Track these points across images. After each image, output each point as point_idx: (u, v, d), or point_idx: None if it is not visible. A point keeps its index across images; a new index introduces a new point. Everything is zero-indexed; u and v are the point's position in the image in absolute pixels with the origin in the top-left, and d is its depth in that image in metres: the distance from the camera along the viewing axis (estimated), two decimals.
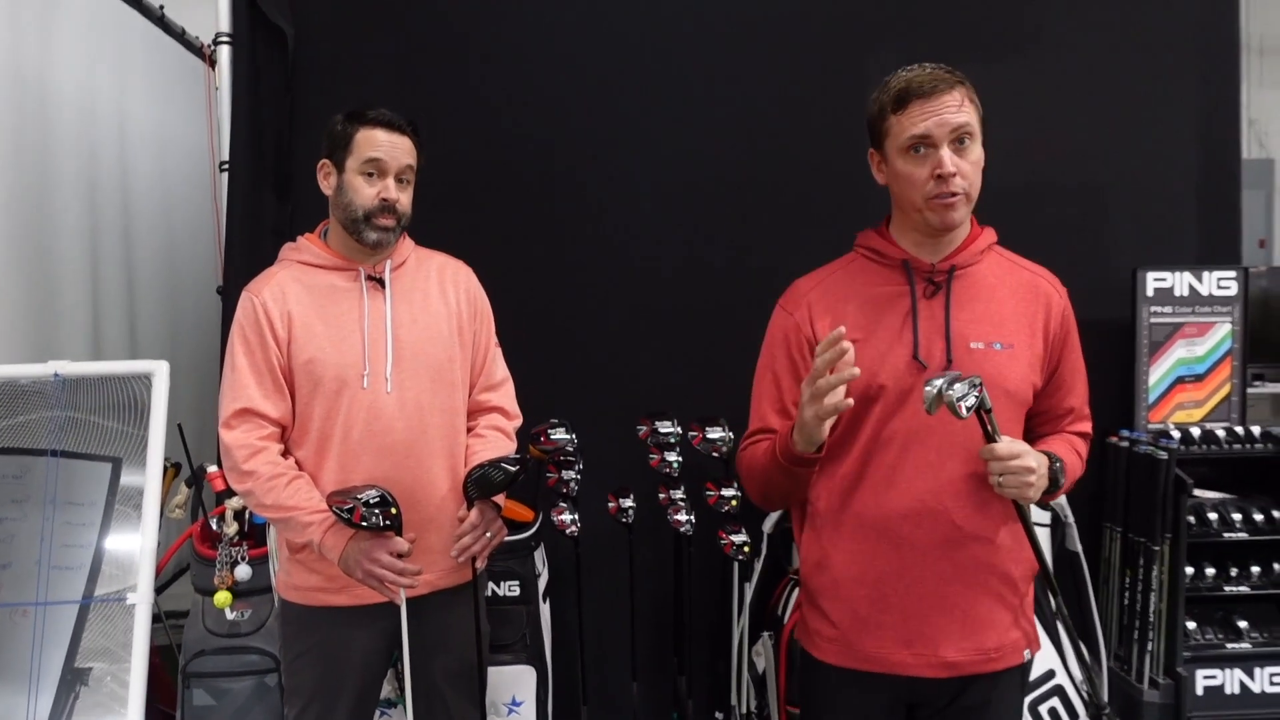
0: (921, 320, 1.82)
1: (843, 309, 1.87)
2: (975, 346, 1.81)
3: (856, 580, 1.84)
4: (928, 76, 1.77)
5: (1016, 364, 1.82)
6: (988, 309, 1.84)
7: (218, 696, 2.67)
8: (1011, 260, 1.95)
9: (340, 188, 2.19)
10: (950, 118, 1.75)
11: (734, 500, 2.84)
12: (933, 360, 1.79)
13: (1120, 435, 3.26)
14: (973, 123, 1.77)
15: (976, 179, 1.80)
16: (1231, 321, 3.31)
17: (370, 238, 2.18)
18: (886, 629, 1.82)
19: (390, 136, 2.18)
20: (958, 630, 1.79)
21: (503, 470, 2.17)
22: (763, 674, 2.98)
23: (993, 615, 1.81)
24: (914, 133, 1.76)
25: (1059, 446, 1.90)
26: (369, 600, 2.16)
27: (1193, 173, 3.39)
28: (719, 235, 3.31)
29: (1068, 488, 1.90)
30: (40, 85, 3.46)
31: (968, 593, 1.80)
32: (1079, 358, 1.96)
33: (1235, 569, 3.22)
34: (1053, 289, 1.92)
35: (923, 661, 1.80)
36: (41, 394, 2.49)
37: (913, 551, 1.79)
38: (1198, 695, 3.11)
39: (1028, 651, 1.87)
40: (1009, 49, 3.35)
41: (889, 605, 1.81)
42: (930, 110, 1.75)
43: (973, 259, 1.87)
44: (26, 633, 2.40)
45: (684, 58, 3.30)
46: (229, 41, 3.17)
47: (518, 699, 2.84)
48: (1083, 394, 1.98)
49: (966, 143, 1.77)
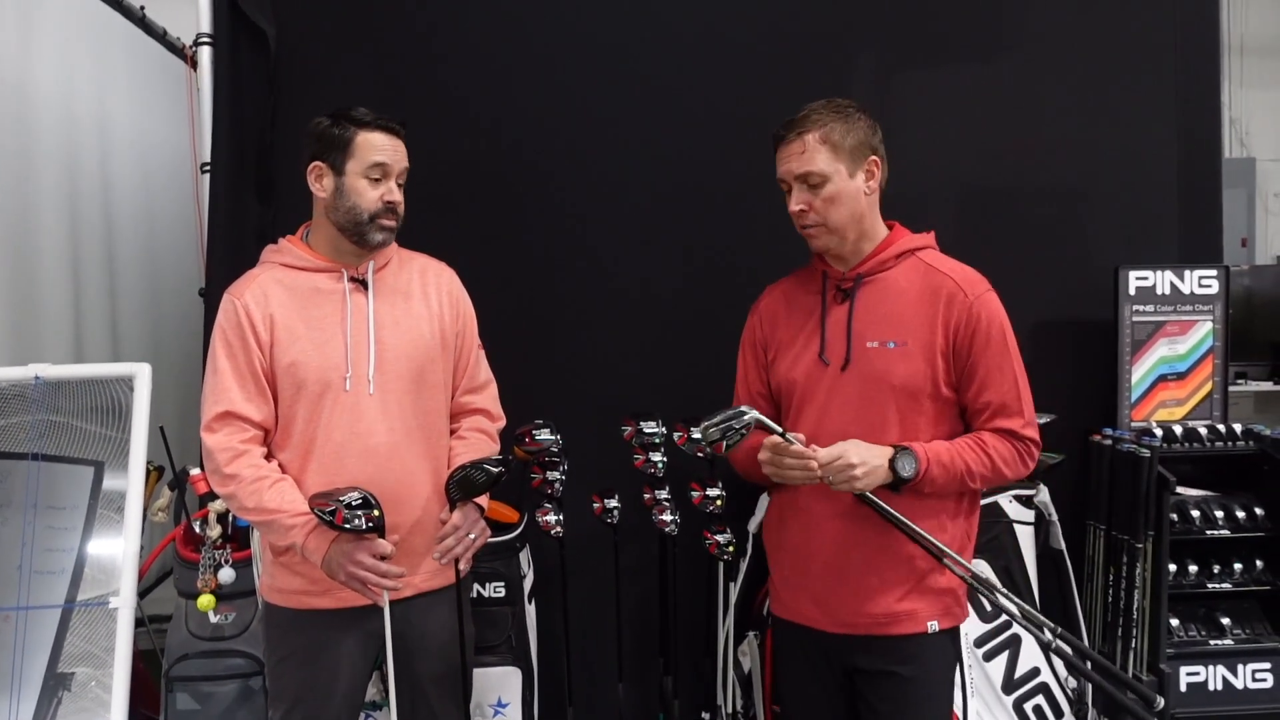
0: (830, 324, 2.10)
1: (782, 315, 2.20)
2: (871, 345, 2.04)
3: (782, 546, 2.18)
4: (782, 125, 2.07)
5: (908, 360, 2.03)
6: (889, 310, 2.06)
7: (201, 700, 2.66)
8: (931, 264, 2.10)
9: (340, 190, 2.18)
10: (793, 166, 2.03)
11: (719, 500, 2.84)
12: (834, 358, 2.06)
13: (1103, 434, 3.28)
14: (815, 170, 2.01)
15: (833, 212, 2.03)
16: (1213, 320, 3.33)
17: (376, 239, 2.19)
18: (802, 589, 2.12)
19: (390, 140, 2.20)
20: (851, 595, 2.05)
21: (484, 472, 2.16)
22: (748, 673, 2.98)
23: (884, 585, 2.03)
24: (778, 175, 2.09)
25: (945, 444, 2.02)
26: (352, 603, 2.15)
27: (1174, 172, 3.40)
28: (702, 236, 3.30)
29: (946, 480, 1.99)
30: (20, 87, 3.44)
31: (861, 563, 2.04)
32: (1003, 355, 2.04)
33: (1218, 566, 3.24)
34: (960, 288, 2.05)
35: (828, 619, 2.08)
36: (22, 397, 2.48)
37: (817, 522, 2.07)
38: (1181, 692, 3.13)
39: (933, 624, 2.05)
40: (990, 48, 3.36)
41: (803, 568, 2.11)
42: (781, 158, 2.07)
43: (880, 267, 2.09)
44: (8, 638, 2.39)
45: (665, 57, 3.30)
46: (210, 42, 3.15)
47: (503, 700, 2.84)
48: (1007, 391, 2.04)
49: (817, 182, 2.02)
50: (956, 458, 2.00)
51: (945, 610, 2.08)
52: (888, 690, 2.07)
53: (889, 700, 2.07)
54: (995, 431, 2.04)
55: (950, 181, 3.33)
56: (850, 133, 2.03)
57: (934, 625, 2.05)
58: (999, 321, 2.06)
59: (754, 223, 3.25)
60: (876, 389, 2.03)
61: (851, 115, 2.06)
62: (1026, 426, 2.05)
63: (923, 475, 1.97)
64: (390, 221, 2.20)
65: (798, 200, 2.04)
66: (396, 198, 2.21)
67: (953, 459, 2.00)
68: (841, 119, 2.04)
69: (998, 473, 2.03)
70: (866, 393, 2.04)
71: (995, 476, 2.04)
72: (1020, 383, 2.05)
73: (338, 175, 2.18)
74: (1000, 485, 2.09)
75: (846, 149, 2.03)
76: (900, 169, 2.22)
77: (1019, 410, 2.04)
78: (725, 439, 1.96)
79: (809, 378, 2.09)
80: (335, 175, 2.18)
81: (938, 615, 2.06)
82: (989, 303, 2.06)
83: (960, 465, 2.00)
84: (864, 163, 2.05)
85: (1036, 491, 3.08)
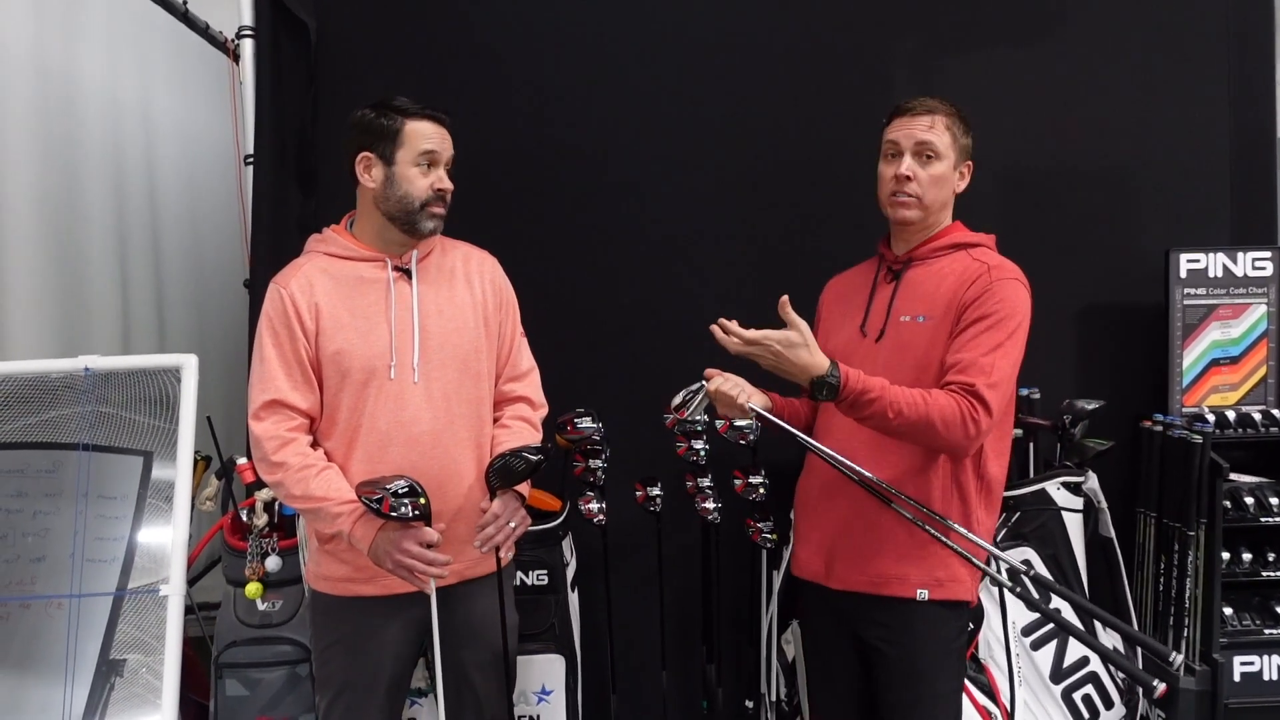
0: (875, 300, 2.24)
1: (840, 297, 2.37)
2: (904, 320, 2.17)
3: (805, 505, 2.33)
4: (912, 100, 2.19)
5: (931, 333, 2.12)
6: (927, 290, 2.17)
7: (250, 686, 2.69)
8: (977, 259, 2.16)
9: (391, 180, 2.19)
10: (918, 134, 2.15)
11: (761, 488, 2.82)
12: (872, 331, 2.20)
13: (1154, 419, 3.22)
14: (938, 145, 2.14)
15: (932, 189, 2.15)
16: (1267, 303, 3.26)
17: (427, 226, 2.21)
18: (812, 544, 2.27)
19: (438, 129, 2.22)
20: (855, 553, 2.17)
21: (523, 460, 2.16)
22: (792, 662, 2.97)
23: (881, 547, 2.14)
24: (888, 138, 2.20)
25: (891, 386, 2.01)
26: (398, 590, 2.16)
27: (1226, 152, 3.34)
28: (745, 224, 3.29)
29: (860, 392, 1.98)
30: (66, 82, 3.48)
31: (863, 524, 2.15)
32: (996, 329, 2.04)
33: (1272, 554, 3.18)
34: (988, 270, 2.12)
35: (832, 576, 2.21)
36: (72, 388, 2.52)
37: (826, 485, 2.21)
38: (1235, 681, 3.08)
39: (923, 592, 2.11)
40: (1037, 30, 3.32)
41: (813, 524, 2.28)
42: (903, 124, 2.17)
43: (932, 254, 2.20)
44: (61, 625, 2.43)
45: (711, 46, 3.29)
46: (252, 35, 3.18)
47: (547, 688, 2.85)
48: (981, 354, 2.02)
49: (931, 156, 2.15)
50: (886, 394, 1.98)
51: (937, 582, 2.12)
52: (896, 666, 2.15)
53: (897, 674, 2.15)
54: (949, 386, 2.01)
55: (998, 164, 3.27)
56: (966, 133, 2.21)
57: (923, 594, 2.12)
58: (1010, 304, 2.06)
59: (801, 211, 3.25)
60: (900, 359, 2.13)
61: (967, 120, 2.22)
62: (986, 388, 1.99)
63: (845, 383, 1.97)
64: (440, 209, 2.22)
65: (908, 166, 2.15)
66: (447, 185, 2.23)
67: (882, 385, 1.99)
68: (963, 119, 2.20)
69: (927, 420, 1.97)
70: (892, 363, 2.13)
71: (921, 421, 1.98)
72: (1000, 355, 2.02)
73: (388, 165, 2.19)
74: (934, 444, 2.03)
75: (960, 145, 2.19)
76: None
77: (984, 371, 2.00)
78: (685, 403, 2.19)
79: (846, 346, 2.21)
80: (385, 165, 2.19)
81: (929, 585, 2.12)
82: (1007, 286, 2.09)
83: (888, 393, 1.98)
84: (964, 163, 2.22)
85: (1085, 478, 3.04)
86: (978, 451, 2.11)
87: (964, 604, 2.18)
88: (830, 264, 2.46)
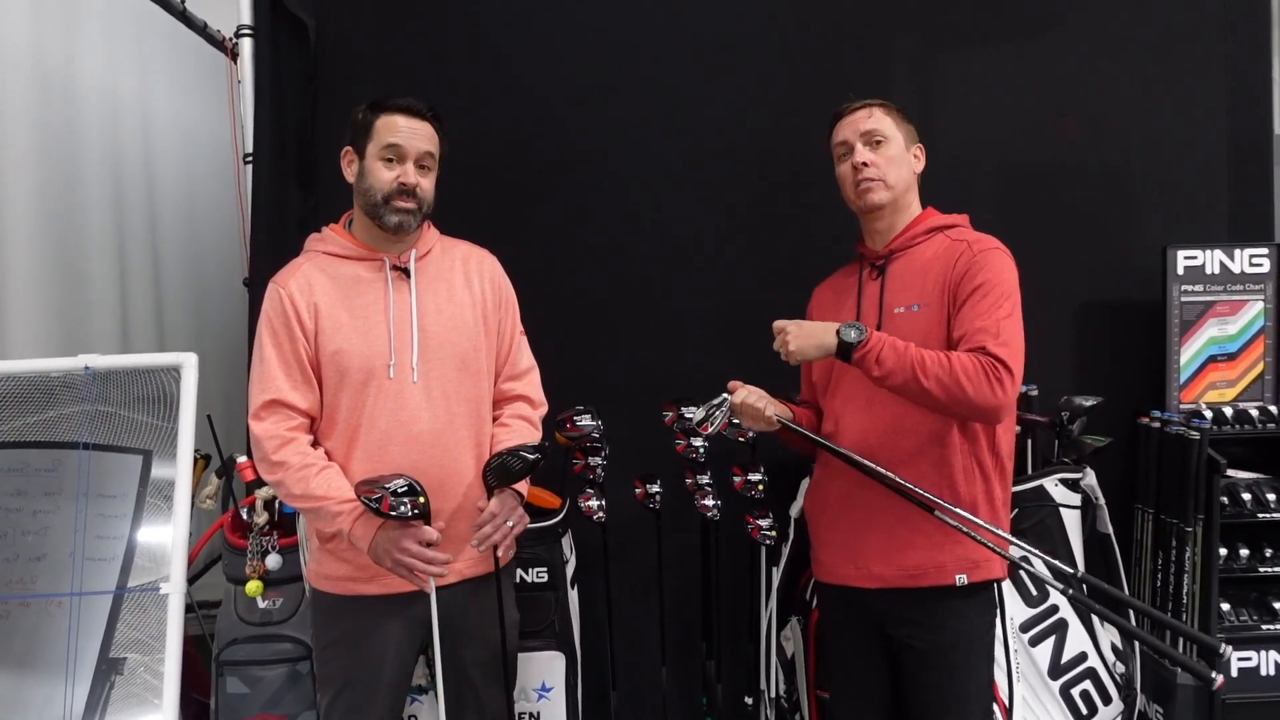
0: (865, 297, 2.26)
1: (829, 301, 2.37)
2: (898, 311, 2.19)
3: (824, 509, 2.30)
4: (844, 104, 2.27)
5: (927, 319, 2.14)
6: (914, 279, 2.19)
7: (251, 684, 2.69)
8: (955, 238, 2.19)
9: (362, 173, 2.21)
10: (860, 126, 2.21)
11: (760, 485, 2.82)
12: (868, 324, 2.15)
13: (1152, 416, 3.23)
14: (881, 129, 2.21)
15: (892, 169, 2.20)
16: (1264, 299, 3.27)
17: (391, 221, 2.19)
18: (837, 546, 2.25)
19: (410, 122, 2.20)
20: (883, 548, 2.16)
21: (521, 459, 2.16)
22: (791, 658, 2.98)
23: (913, 538, 2.13)
24: (835, 142, 2.27)
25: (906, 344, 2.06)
26: (399, 589, 2.17)
27: (1223, 149, 3.35)
28: (744, 222, 3.30)
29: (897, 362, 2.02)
30: (65, 81, 3.48)
31: (891, 517, 2.14)
32: (995, 297, 2.07)
33: (1270, 550, 3.19)
34: (970, 246, 2.15)
35: (860, 574, 2.19)
36: (72, 387, 2.52)
37: (848, 481, 2.18)
38: (1233, 677, 3.09)
39: (961, 577, 2.12)
40: (1036, 29, 3.32)
41: (836, 526, 2.25)
42: (845, 124, 2.25)
43: (910, 242, 2.23)
44: (62, 623, 2.44)
45: (712, 45, 3.29)
46: (250, 34, 3.18)
47: (547, 684, 2.85)
48: (987, 319, 2.05)
49: (881, 139, 2.20)
50: (911, 348, 2.03)
51: (974, 565, 2.13)
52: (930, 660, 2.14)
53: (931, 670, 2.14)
54: (966, 350, 2.04)
55: (995, 161, 3.30)
56: (906, 119, 2.27)
57: (962, 579, 2.13)
58: (999, 272, 2.10)
59: (797, 211, 3.25)
60: None
61: (902, 109, 2.28)
62: (1000, 347, 2.01)
63: (869, 346, 2.02)
64: (405, 204, 2.19)
65: (862, 154, 2.21)
66: (412, 180, 2.19)
67: (907, 347, 2.03)
68: (897, 108, 2.27)
69: (955, 380, 1.99)
70: None
71: (952, 383, 1.99)
72: (1005, 319, 2.05)
73: (361, 159, 2.21)
74: (964, 405, 2.02)
75: (904, 128, 2.26)
76: (945, 149, 2.24)
77: (996, 333, 2.03)
78: (708, 418, 2.19)
79: None
80: (359, 159, 2.22)
81: (966, 568, 2.13)
82: (993, 256, 2.12)
83: (914, 354, 2.02)
84: (915, 146, 2.28)
85: (1083, 475, 3.04)
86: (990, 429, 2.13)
87: (994, 584, 2.21)
88: (831, 263, 2.46)
